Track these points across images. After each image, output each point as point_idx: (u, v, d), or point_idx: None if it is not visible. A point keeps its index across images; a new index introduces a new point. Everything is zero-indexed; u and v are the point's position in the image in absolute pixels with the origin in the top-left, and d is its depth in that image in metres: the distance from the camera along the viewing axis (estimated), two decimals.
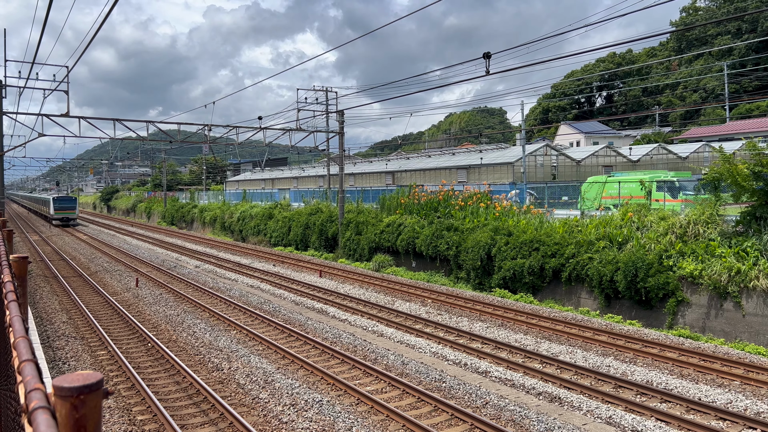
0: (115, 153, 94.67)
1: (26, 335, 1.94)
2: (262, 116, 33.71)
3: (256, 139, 38.65)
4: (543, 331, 16.58)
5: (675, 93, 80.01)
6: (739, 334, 15.62)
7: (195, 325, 17.29)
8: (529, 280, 21.05)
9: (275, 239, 39.30)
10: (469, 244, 23.43)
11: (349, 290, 22.93)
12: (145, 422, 10.29)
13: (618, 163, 45.51)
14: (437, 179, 45.27)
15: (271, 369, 13.01)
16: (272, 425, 10.13)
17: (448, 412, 10.64)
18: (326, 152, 44.51)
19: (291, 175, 71.40)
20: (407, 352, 14.50)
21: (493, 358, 14.01)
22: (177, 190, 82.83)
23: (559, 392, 11.57)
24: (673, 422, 10.18)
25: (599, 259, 18.99)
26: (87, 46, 16.36)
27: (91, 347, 15.10)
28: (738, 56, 72.50)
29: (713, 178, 18.49)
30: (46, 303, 20.59)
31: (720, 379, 12.55)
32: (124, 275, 26.98)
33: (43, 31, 15.49)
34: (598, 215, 22.51)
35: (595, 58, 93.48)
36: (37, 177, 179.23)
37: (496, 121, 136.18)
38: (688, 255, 17.39)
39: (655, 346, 14.66)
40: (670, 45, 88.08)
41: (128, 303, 20.88)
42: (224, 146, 76.00)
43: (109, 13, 12.65)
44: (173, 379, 12.65)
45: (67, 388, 1.30)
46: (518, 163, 40.35)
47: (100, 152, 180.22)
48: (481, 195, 28.31)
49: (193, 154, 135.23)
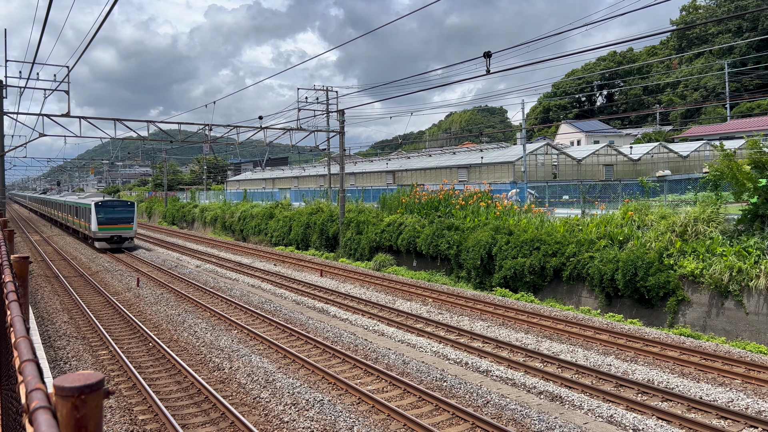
0: (116, 153, 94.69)
1: (27, 335, 1.94)
2: (263, 116, 33.73)
3: (257, 139, 38.63)
4: (544, 330, 16.57)
5: (676, 92, 79.91)
6: (740, 332, 15.61)
7: (196, 324, 17.29)
8: (529, 279, 21.05)
9: (276, 239, 39.31)
10: (470, 243, 23.43)
11: (350, 290, 22.93)
12: (147, 422, 10.30)
13: (619, 162, 45.48)
14: (438, 178, 45.26)
15: (272, 368, 13.02)
16: (273, 425, 10.13)
17: (449, 411, 10.64)
18: (327, 152, 44.52)
19: (292, 175, 71.41)
20: (408, 352, 14.51)
21: (494, 357, 14.01)
22: (178, 189, 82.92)
23: (560, 391, 11.57)
24: (675, 421, 10.18)
25: (600, 258, 18.99)
26: (87, 45, 16.37)
27: (93, 347, 15.11)
28: (739, 55, 72.43)
29: (714, 176, 18.48)
30: (48, 303, 20.61)
31: (721, 377, 12.55)
32: (125, 275, 26.99)
33: (44, 30, 15.50)
34: (599, 214, 22.51)
35: (596, 57, 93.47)
36: (38, 177, 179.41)
37: (497, 120, 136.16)
38: (689, 254, 17.38)
39: (656, 345, 14.66)
40: (670, 44, 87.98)
41: (129, 303, 20.89)
42: (225, 146, 76.03)
43: (109, 13, 12.66)
44: (174, 378, 12.66)
45: (68, 388, 1.30)
46: (519, 162, 40.33)
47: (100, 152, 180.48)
48: (481, 194, 28.30)
49: (194, 153, 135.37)
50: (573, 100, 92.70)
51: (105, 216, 36.37)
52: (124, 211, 37.28)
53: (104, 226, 36.24)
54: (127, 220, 37.18)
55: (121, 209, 37.28)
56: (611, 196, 28.16)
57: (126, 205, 37.89)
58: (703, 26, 77.01)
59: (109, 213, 36.58)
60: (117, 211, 37.00)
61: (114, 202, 38.09)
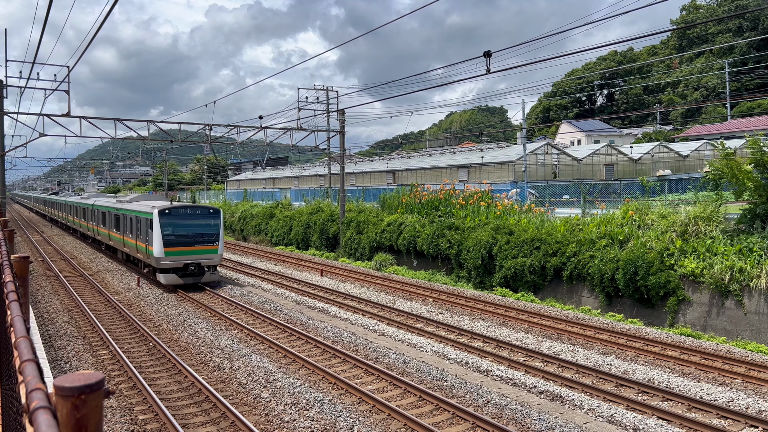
0: (116, 153, 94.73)
1: (27, 335, 1.94)
2: (263, 115, 33.73)
3: (257, 139, 38.65)
4: (544, 329, 16.57)
5: (676, 91, 79.88)
6: (740, 332, 15.61)
7: (196, 324, 17.30)
8: (530, 279, 21.05)
9: (276, 238, 39.33)
10: (470, 243, 23.42)
11: (351, 289, 22.93)
12: (147, 422, 10.30)
13: (619, 161, 45.47)
14: (438, 178, 45.26)
15: (272, 368, 13.02)
16: (274, 424, 10.13)
17: (449, 411, 10.64)
18: (327, 151, 44.51)
19: (292, 175, 71.42)
20: (408, 351, 14.51)
21: (494, 357, 14.01)
22: (178, 189, 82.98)
23: (560, 391, 11.57)
24: (675, 421, 10.17)
25: (600, 258, 18.98)
26: (88, 45, 16.38)
27: (93, 347, 15.12)
28: (739, 54, 72.41)
29: (714, 175, 18.47)
30: (48, 303, 20.62)
31: (721, 377, 12.54)
32: (126, 275, 26.99)
33: (44, 30, 15.50)
34: (599, 213, 22.51)
35: (597, 57, 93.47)
36: (38, 177, 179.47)
37: (497, 120, 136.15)
38: (689, 253, 17.38)
39: (656, 345, 14.65)
40: (671, 43, 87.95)
41: (130, 302, 20.90)
42: (225, 146, 76.01)
43: (110, 12, 12.66)
44: (175, 378, 12.67)
45: (68, 388, 1.30)
46: (519, 161, 40.32)
47: (101, 152, 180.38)
48: (482, 194, 28.31)
49: (194, 153, 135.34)
50: (573, 100, 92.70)
51: (175, 232, 22.85)
52: (204, 224, 23.58)
53: (175, 248, 22.69)
54: (209, 238, 23.48)
55: (201, 220, 23.60)
56: (611, 196, 28.19)
57: (207, 213, 23.94)
58: (703, 26, 76.99)
59: (182, 227, 23.03)
60: (194, 223, 23.39)
61: (188, 210, 23.85)
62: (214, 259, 23.57)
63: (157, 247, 22.35)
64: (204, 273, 23.49)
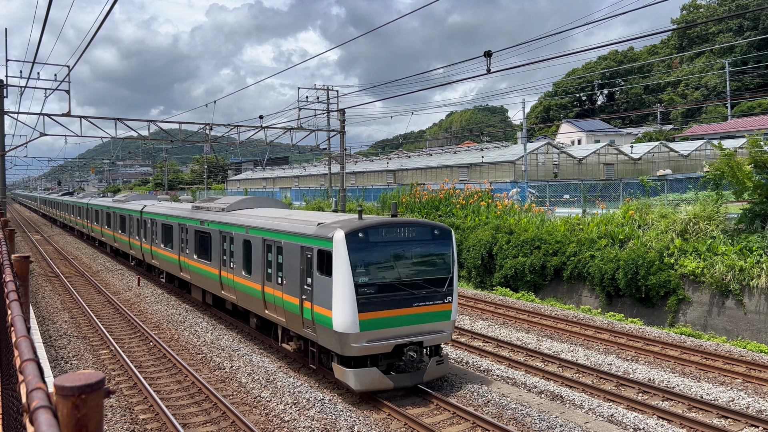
0: (117, 152, 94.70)
1: (28, 335, 1.95)
2: (264, 115, 33.74)
3: (258, 138, 38.61)
4: (544, 329, 16.57)
5: (676, 91, 79.86)
6: (740, 332, 15.61)
7: (197, 324, 17.30)
8: (530, 279, 21.04)
9: None
10: (471, 242, 23.43)
11: None
12: (147, 421, 10.31)
13: (619, 161, 45.46)
14: (439, 178, 45.26)
15: (272, 368, 13.02)
16: (274, 424, 10.14)
17: (449, 410, 10.65)
18: (327, 151, 44.51)
19: (292, 174, 71.42)
20: None
21: (494, 356, 14.01)
22: (178, 189, 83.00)
23: (560, 390, 11.57)
24: (675, 420, 10.18)
25: (600, 257, 18.98)
26: (88, 45, 16.38)
27: (93, 346, 15.12)
28: (739, 54, 72.38)
29: (714, 175, 18.47)
30: (48, 302, 20.63)
31: (722, 377, 12.55)
32: (126, 275, 26.99)
33: (44, 30, 15.50)
34: (599, 213, 22.51)
35: (597, 56, 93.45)
36: (39, 177, 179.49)
37: (498, 120, 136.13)
38: (689, 253, 17.37)
39: (656, 344, 14.65)
40: (671, 43, 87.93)
41: (130, 302, 20.90)
42: (225, 145, 75.93)
43: (110, 12, 12.66)
44: (175, 378, 12.67)
45: (69, 388, 1.30)
46: (519, 161, 40.31)
47: (101, 152, 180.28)
48: (482, 193, 28.32)
49: (195, 153, 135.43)
50: (574, 99, 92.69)
51: (379, 279, 11.38)
52: (426, 260, 12.24)
53: (379, 313, 11.22)
54: (437, 290, 12.04)
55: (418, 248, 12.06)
56: (612, 196, 28.16)
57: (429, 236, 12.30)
58: (703, 25, 76.96)
59: (389, 267, 11.58)
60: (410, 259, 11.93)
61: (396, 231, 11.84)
62: (444, 332, 12.08)
63: (343, 312, 10.95)
64: (425, 362, 11.69)
